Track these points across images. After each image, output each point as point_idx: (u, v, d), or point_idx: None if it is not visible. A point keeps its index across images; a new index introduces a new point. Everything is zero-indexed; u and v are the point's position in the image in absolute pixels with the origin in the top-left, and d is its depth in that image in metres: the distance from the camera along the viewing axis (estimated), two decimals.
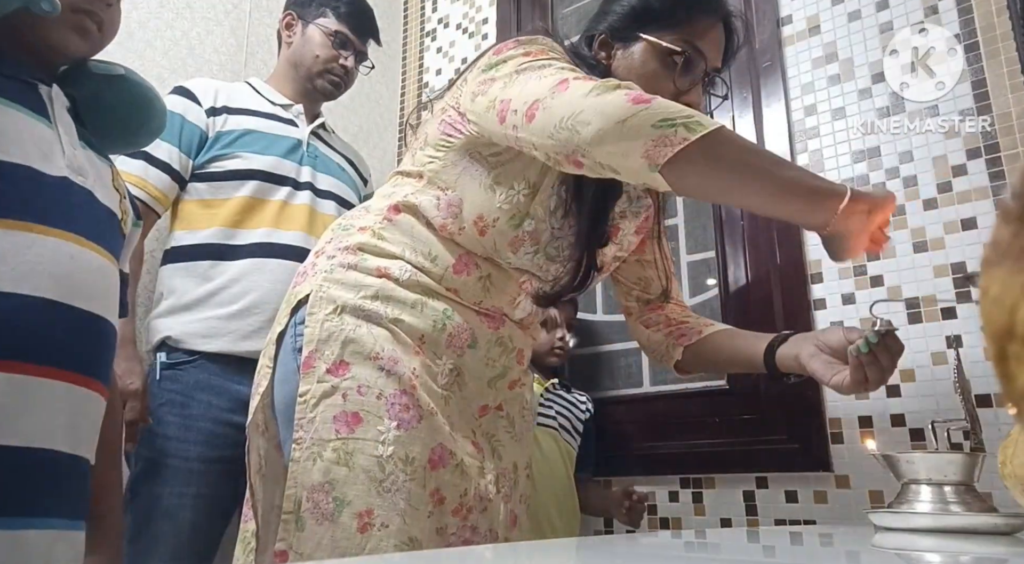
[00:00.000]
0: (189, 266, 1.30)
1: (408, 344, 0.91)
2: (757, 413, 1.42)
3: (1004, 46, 1.25)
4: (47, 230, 0.68)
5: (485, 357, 0.99)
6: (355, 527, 0.82)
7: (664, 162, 0.74)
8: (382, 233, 0.97)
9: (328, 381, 0.88)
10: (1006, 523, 0.73)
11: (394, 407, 0.87)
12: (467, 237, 0.96)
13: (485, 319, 0.99)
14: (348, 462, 0.84)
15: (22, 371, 0.65)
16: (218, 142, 1.34)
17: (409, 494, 0.84)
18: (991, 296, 0.21)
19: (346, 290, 0.92)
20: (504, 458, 1.00)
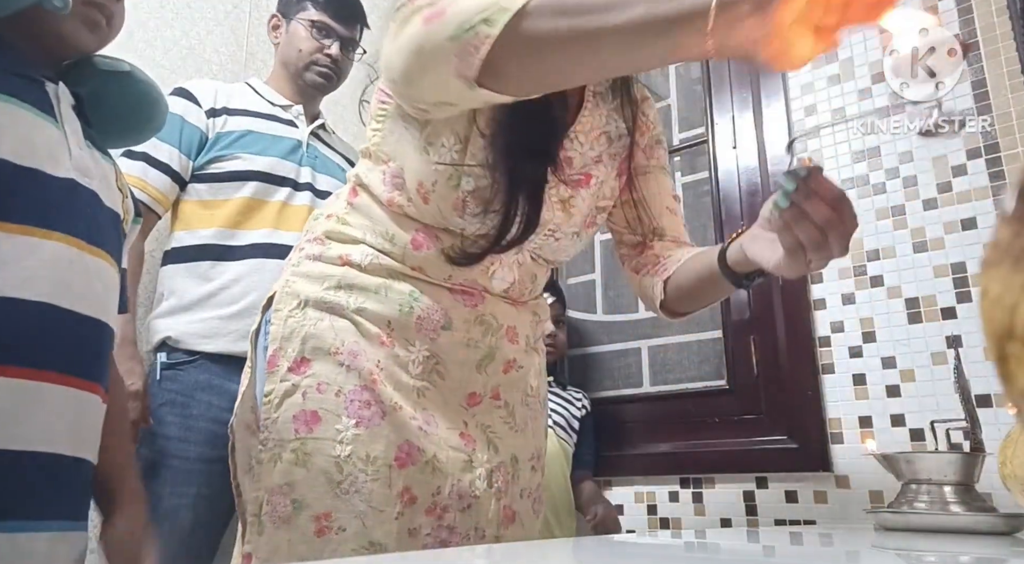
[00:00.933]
0: (189, 266, 1.30)
1: (373, 333, 0.86)
2: (757, 413, 1.42)
3: (1004, 46, 1.25)
4: (49, 234, 0.68)
5: (464, 338, 0.90)
6: (312, 530, 0.79)
7: (477, 74, 0.65)
8: (346, 218, 0.92)
9: (289, 380, 0.85)
10: (1006, 523, 0.73)
11: (353, 404, 0.83)
12: (416, 208, 0.87)
13: (461, 296, 0.91)
14: (306, 463, 0.81)
15: (25, 376, 0.65)
16: (218, 143, 1.34)
17: (371, 495, 0.80)
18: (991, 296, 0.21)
19: (310, 283, 0.89)
20: (501, 451, 0.93)
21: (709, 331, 1.58)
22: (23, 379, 0.65)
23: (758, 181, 1.50)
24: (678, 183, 1.72)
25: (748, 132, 1.54)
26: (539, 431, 1.02)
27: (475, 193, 0.84)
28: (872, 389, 1.28)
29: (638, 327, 1.68)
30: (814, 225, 0.68)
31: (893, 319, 1.28)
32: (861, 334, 1.31)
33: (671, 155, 1.74)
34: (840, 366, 1.32)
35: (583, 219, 0.94)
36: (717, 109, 1.61)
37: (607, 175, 0.95)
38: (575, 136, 0.91)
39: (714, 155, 1.59)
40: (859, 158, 1.38)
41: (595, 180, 0.93)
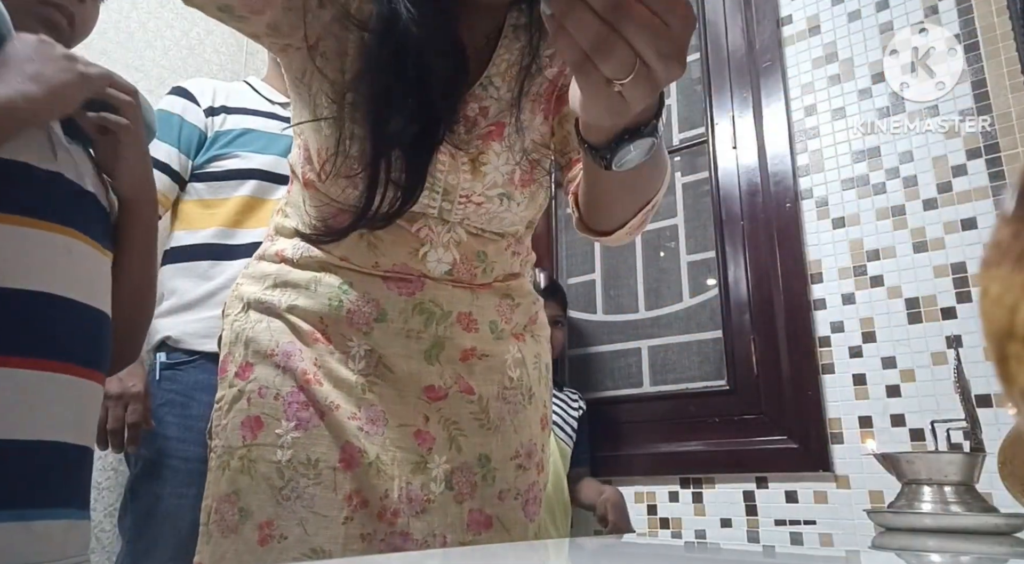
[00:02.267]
0: (189, 266, 1.30)
1: (306, 331, 0.82)
2: (757, 413, 1.42)
3: (1004, 46, 1.25)
4: (47, 225, 0.69)
5: (402, 329, 0.82)
6: (256, 539, 0.76)
7: None
8: (285, 209, 0.89)
9: (236, 385, 0.82)
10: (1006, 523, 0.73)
11: (292, 406, 0.79)
12: (324, 184, 0.78)
13: (395, 284, 0.82)
14: (251, 470, 0.78)
15: (32, 366, 0.66)
16: (217, 142, 1.34)
17: (312, 500, 0.77)
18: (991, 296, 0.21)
19: (253, 283, 0.86)
20: (465, 450, 0.85)
21: (709, 331, 1.58)
22: (30, 369, 0.66)
23: (758, 181, 1.50)
24: (678, 183, 1.72)
25: (748, 132, 1.54)
26: (524, 426, 0.90)
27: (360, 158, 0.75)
28: (872, 389, 1.28)
29: (638, 327, 1.68)
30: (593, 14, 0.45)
31: (893, 319, 1.28)
32: (861, 334, 1.31)
33: (671, 155, 1.74)
34: (840, 366, 1.32)
35: (505, 177, 0.80)
36: (717, 109, 1.61)
37: (529, 120, 0.81)
38: (489, 81, 0.79)
39: (714, 155, 1.59)
40: (859, 158, 1.38)
41: (508, 129, 0.79)
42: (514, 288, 0.90)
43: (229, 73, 1.71)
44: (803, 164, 1.44)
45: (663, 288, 1.67)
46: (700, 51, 1.68)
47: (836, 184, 1.39)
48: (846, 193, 1.38)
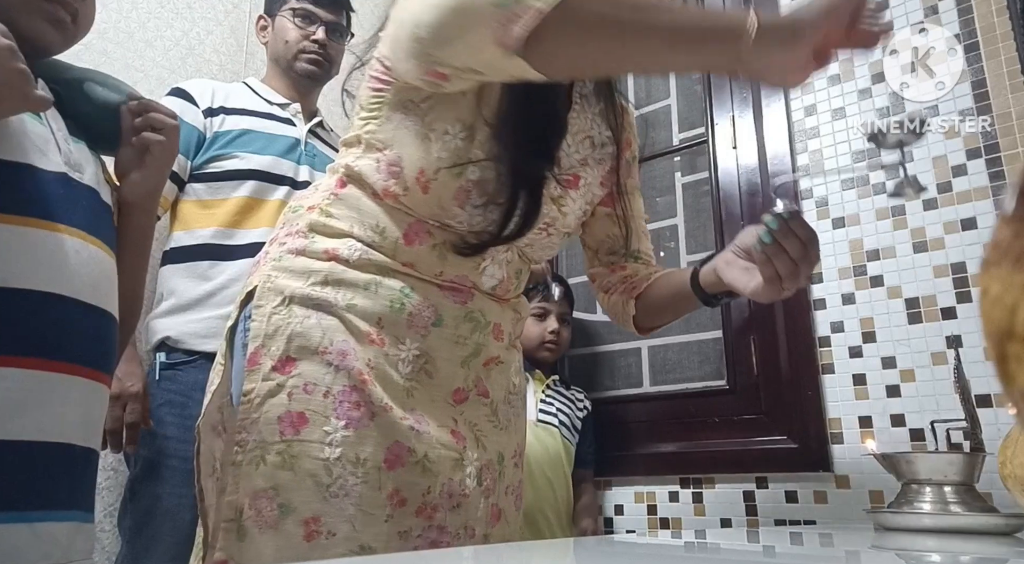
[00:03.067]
0: (188, 266, 1.30)
1: (363, 331, 0.83)
2: (757, 413, 1.42)
3: (1004, 46, 1.25)
4: (54, 226, 0.69)
5: (454, 335, 0.89)
6: (301, 535, 0.76)
7: (519, 44, 0.64)
8: (330, 210, 0.89)
9: (273, 379, 0.81)
10: (1006, 523, 0.73)
11: (343, 405, 0.80)
12: (412, 198, 0.85)
13: (450, 293, 0.89)
14: (293, 466, 0.78)
15: (40, 367, 0.66)
16: (216, 142, 1.34)
17: (360, 498, 0.78)
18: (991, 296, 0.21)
19: (294, 278, 0.85)
20: (488, 448, 0.92)
21: (709, 331, 1.58)
22: (39, 370, 0.66)
23: (758, 181, 1.50)
24: (678, 183, 1.72)
25: (748, 132, 1.54)
26: (521, 428, 1.01)
27: (479, 184, 0.84)
28: (872, 389, 1.28)
29: None
30: (790, 259, 0.78)
31: (893, 319, 1.28)
32: (861, 334, 1.31)
33: (671, 155, 1.75)
34: (840, 366, 1.32)
35: (575, 219, 0.97)
36: (717, 109, 1.61)
37: (593, 179, 0.97)
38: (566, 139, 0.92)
39: (714, 155, 1.59)
40: (859, 158, 1.38)
41: (583, 182, 0.95)
42: (521, 304, 1.02)
43: (229, 73, 1.71)
44: (803, 164, 1.44)
45: None
46: None
47: (836, 184, 1.39)
48: (846, 193, 1.38)
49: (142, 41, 1.57)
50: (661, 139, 1.76)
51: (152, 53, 1.58)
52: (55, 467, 0.68)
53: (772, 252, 0.78)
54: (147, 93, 1.28)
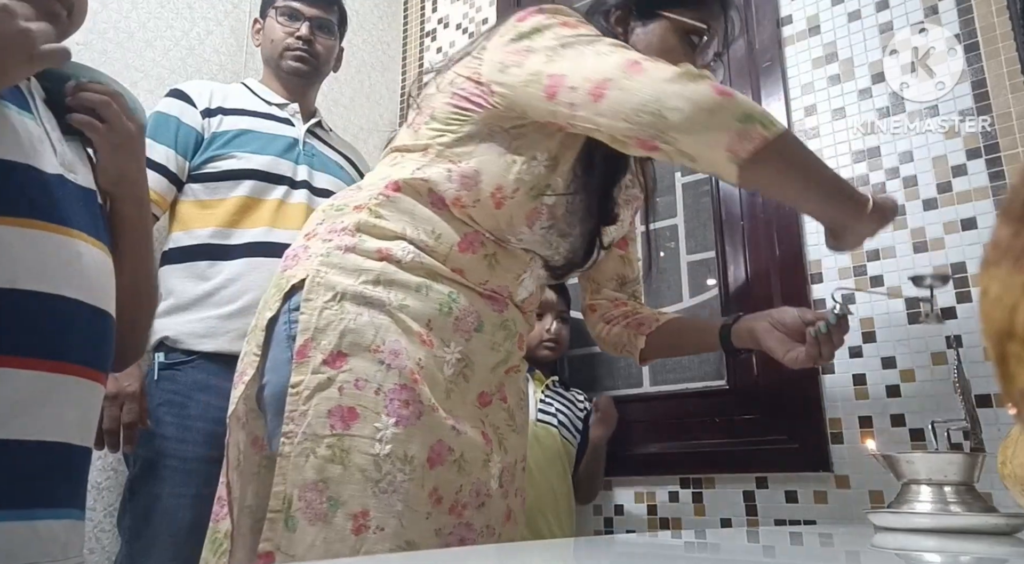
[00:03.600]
0: (187, 266, 1.30)
1: (414, 332, 0.87)
2: (757, 413, 1.42)
3: (1004, 46, 1.25)
4: (54, 227, 0.69)
5: (491, 341, 0.95)
6: (349, 528, 0.78)
7: (746, 157, 0.77)
8: (379, 211, 0.92)
9: (324, 373, 0.83)
10: (1006, 523, 0.73)
11: (393, 403, 0.83)
12: (481, 210, 0.92)
13: (489, 301, 0.96)
14: (343, 460, 0.80)
15: (42, 368, 0.66)
16: (214, 143, 1.34)
17: (407, 495, 0.81)
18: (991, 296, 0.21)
19: (345, 275, 0.87)
20: (509, 451, 0.97)
21: None
22: (42, 371, 0.66)
23: None
24: (678, 183, 1.72)
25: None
26: (526, 433, 1.07)
27: (551, 209, 0.94)
28: (872, 389, 1.28)
29: None
30: (834, 346, 0.98)
31: (893, 319, 1.28)
32: (861, 334, 1.31)
33: None
34: (840, 366, 1.32)
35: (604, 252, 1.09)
36: None
37: (625, 218, 1.11)
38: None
39: None
40: (859, 158, 1.38)
41: (619, 219, 1.08)
42: (532, 314, 1.09)
43: (229, 73, 1.71)
44: None
45: (663, 288, 1.67)
46: None
47: None
48: None
49: (142, 41, 1.57)
50: None
51: (152, 53, 1.58)
52: (55, 466, 0.68)
53: (823, 339, 0.97)
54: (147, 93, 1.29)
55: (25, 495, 0.65)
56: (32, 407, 0.65)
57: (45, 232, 0.68)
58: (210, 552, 0.88)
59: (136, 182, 0.83)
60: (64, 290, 0.69)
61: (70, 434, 0.69)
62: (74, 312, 0.70)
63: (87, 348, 0.72)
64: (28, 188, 0.68)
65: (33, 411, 0.65)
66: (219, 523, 0.89)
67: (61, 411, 0.68)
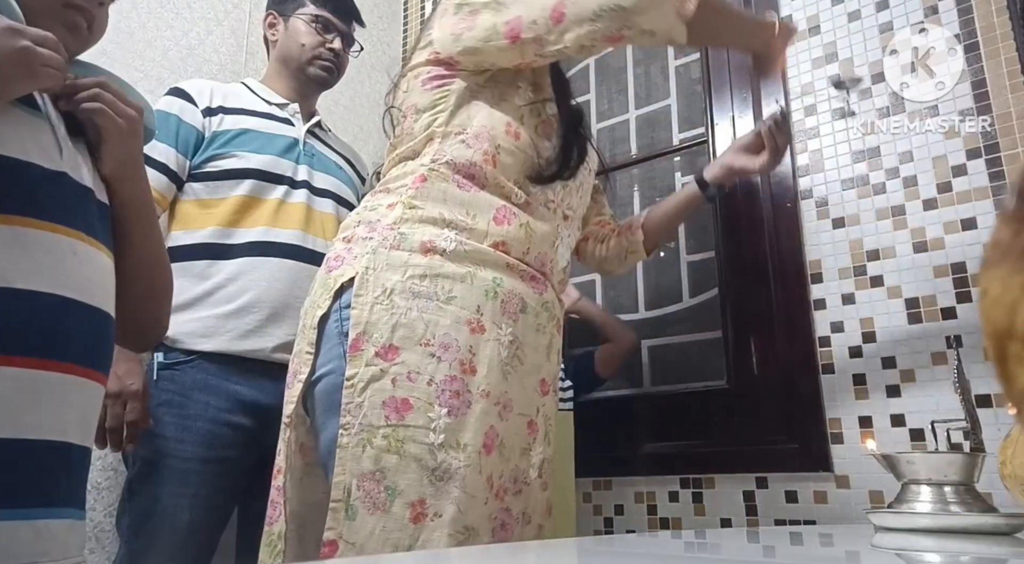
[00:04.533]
0: (186, 266, 1.30)
1: (464, 320, 0.91)
2: (757, 413, 1.42)
3: (1004, 46, 1.25)
4: (54, 227, 0.70)
5: (535, 323, 0.99)
6: (407, 517, 0.81)
7: (690, 14, 0.91)
8: (413, 202, 0.97)
9: (376, 364, 0.86)
10: (1006, 523, 0.73)
11: (444, 393, 0.86)
12: (506, 152, 1.00)
13: (531, 283, 1.00)
14: (399, 450, 0.83)
15: (40, 367, 0.67)
16: (214, 142, 1.34)
17: (464, 481, 0.83)
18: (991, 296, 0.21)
19: (393, 271, 0.91)
20: (552, 444, 1.00)
21: (709, 331, 1.58)
22: (40, 370, 0.66)
23: (758, 181, 1.50)
24: (678, 183, 1.72)
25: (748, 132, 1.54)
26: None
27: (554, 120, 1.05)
28: (872, 389, 1.28)
29: (638, 327, 1.68)
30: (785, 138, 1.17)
31: (893, 319, 1.28)
32: (861, 334, 1.31)
33: (671, 155, 1.74)
34: (840, 366, 1.32)
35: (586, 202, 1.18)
36: (717, 109, 1.61)
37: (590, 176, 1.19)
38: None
39: (714, 155, 1.59)
40: (859, 158, 1.38)
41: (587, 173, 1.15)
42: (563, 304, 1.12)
43: (229, 73, 1.71)
44: (803, 164, 1.44)
45: (663, 288, 1.67)
46: (700, 51, 1.68)
47: (836, 184, 1.39)
48: (846, 193, 1.38)
49: (142, 41, 1.57)
50: (661, 139, 1.76)
51: (152, 53, 1.58)
52: (55, 465, 0.68)
53: (776, 132, 1.15)
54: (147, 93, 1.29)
55: (24, 495, 0.65)
56: (31, 407, 0.65)
57: (44, 231, 0.68)
58: (266, 554, 0.90)
59: (139, 164, 0.84)
60: (61, 290, 0.69)
61: (69, 434, 0.70)
62: (71, 312, 0.70)
63: (85, 348, 0.72)
64: (26, 185, 0.68)
65: (32, 410, 0.66)
66: (273, 525, 0.91)
67: (60, 411, 0.68)
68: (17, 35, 0.65)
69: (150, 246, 0.85)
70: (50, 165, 0.71)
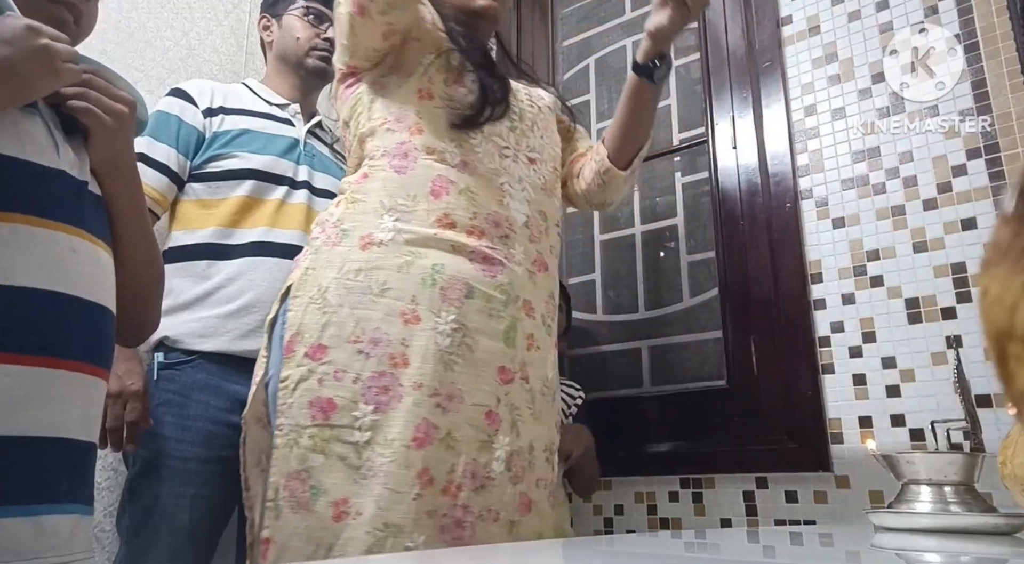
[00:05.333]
0: (186, 266, 1.30)
1: (397, 312, 0.89)
2: (757, 413, 1.42)
3: (1004, 46, 1.25)
4: (53, 224, 0.70)
5: (486, 307, 0.95)
6: (330, 516, 0.81)
7: None
8: (355, 196, 0.99)
9: (305, 365, 0.87)
10: (1006, 523, 0.73)
11: (371, 391, 0.86)
12: (426, 117, 1.00)
13: (483, 265, 0.96)
14: (324, 449, 0.83)
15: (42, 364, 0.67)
16: (215, 142, 1.34)
17: (387, 477, 0.82)
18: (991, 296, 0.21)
19: (330, 269, 0.92)
20: (523, 435, 0.95)
21: (709, 331, 1.58)
22: (42, 367, 0.67)
23: (758, 181, 1.50)
24: (678, 183, 1.72)
25: (748, 132, 1.54)
26: (552, 423, 1.04)
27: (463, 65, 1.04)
28: (872, 389, 1.28)
29: (638, 327, 1.68)
30: None
31: (893, 319, 1.28)
32: (861, 334, 1.31)
33: (671, 155, 1.75)
34: (840, 366, 1.32)
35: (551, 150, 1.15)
36: (717, 109, 1.61)
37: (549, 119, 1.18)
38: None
39: (714, 155, 1.59)
40: (859, 158, 1.38)
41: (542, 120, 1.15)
42: (555, 286, 1.09)
43: (229, 73, 1.71)
44: (803, 164, 1.44)
45: (663, 288, 1.67)
46: (700, 51, 1.68)
47: (836, 184, 1.39)
48: (846, 193, 1.38)
49: (142, 41, 1.57)
50: (661, 139, 1.76)
51: (152, 53, 1.58)
52: (57, 462, 0.69)
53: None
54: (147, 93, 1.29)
55: (27, 491, 0.65)
56: (32, 403, 0.66)
57: (43, 229, 0.69)
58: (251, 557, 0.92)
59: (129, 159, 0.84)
60: (62, 287, 0.69)
61: (72, 430, 0.70)
62: (72, 308, 0.70)
63: (86, 344, 0.72)
64: (26, 183, 0.69)
65: (34, 407, 0.66)
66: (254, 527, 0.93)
67: (62, 407, 0.68)
68: (36, 34, 0.66)
69: (141, 240, 0.85)
70: (48, 163, 0.71)
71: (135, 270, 0.84)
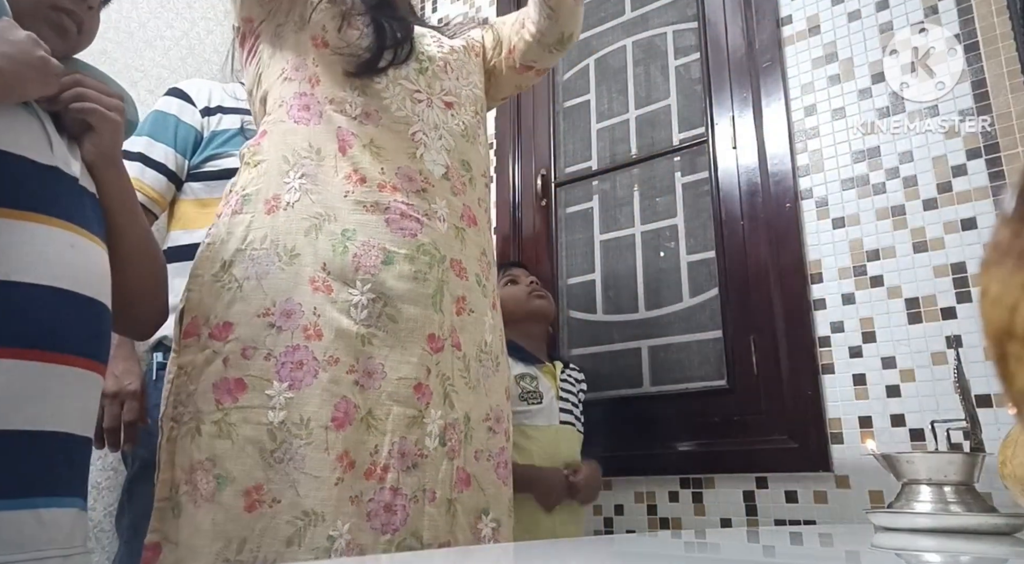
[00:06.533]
0: (185, 266, 1.28)
1: (307, 279, 0.81)
2: (757, 413, 1.42)
3: (1004, 46, 1.25)
4: (49, 219, 0.70)
5: (410, 271, 0.86)
6: (241, 506, 0.73)
7: None
8: (256, 157, 0.90)
9: (210, 347, 0.79)
10: (1006, 523, 0.73)
11: (285, 367, 0.77)
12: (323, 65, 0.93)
13: (400, 224, 0.87)
14: (231, 434, 0.75)
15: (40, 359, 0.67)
16: (213, 141, 1.34)
17: (304, 461, 0.75)
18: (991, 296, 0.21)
19: (235, 240, 0.84)
20: (456, 407, 0.87)
21: (709, 331, 1.58)
22: (40, 362, 0.67)
23: (758, 181, 1.50)
24: (677, 183, 1.72)
25: (748, 132, 1.54)
26: (493, 390, 0.95)
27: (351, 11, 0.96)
28: (872, 389, 1.28)
29: (638, 327, 1.68)
30: None
31: (893, 319, 1.28)
32: (861, 334, 1.31)
33: (671, 155, 1.74)
34: (840, 366, 1.32)
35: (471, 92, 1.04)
36: (717, 109, 1.61)
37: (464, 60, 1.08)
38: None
39: (714, 155, 1.59)
40: (859, 158, 1.38)
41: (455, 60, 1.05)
42: (488, 243, 1.00)
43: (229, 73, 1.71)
44: (803, 164, 1.44)
45: (663, 288, 1.67)
46: (700, 51, 1.68)
47: (836, 184, 1.39)
48: (846, 193, 1.38)
49: (142, 41, 1.57)
50: (661, 139, 1.76)
51: (152, 53, 1.58)
52: (56, 456, 0.69)
53: None
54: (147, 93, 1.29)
55: (28, 484, 0.66)
56: (31, 398, 0.66)
57: (39, 224, 0.69)
58: None
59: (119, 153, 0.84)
60: (60, 282, 0.69)
61: (70, 424, 0.70)
62: (69, 304, 0.70)
63: (83, 339, 0.72)
64: (21, 179, 0.69)
65: (33, 402, 0.66)
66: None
67: (60, 402, 0.69)
68: (37, 45, 0.70)
69: (136, 233, 0.85)
70: (43, 159, 0.72)
71: (135, 263, 0.83)
